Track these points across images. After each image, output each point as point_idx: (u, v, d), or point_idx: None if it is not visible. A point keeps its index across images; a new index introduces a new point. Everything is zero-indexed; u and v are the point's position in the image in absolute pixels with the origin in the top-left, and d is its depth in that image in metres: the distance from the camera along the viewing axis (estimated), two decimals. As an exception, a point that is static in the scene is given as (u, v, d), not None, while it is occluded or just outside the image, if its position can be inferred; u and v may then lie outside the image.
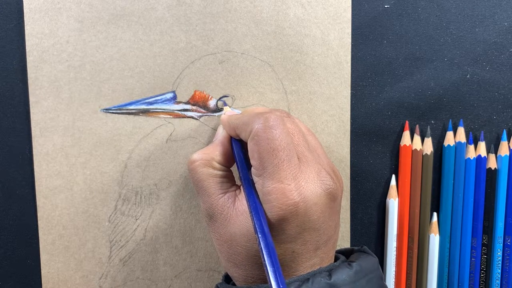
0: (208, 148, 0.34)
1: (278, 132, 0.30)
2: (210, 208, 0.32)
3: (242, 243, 0.30)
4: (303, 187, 0.29)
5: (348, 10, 0.38)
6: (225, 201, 0.32)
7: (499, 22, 0.39)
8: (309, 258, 0.30)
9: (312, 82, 0.39)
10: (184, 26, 0.37)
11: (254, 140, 0.30)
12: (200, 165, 0.33)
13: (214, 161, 0.33)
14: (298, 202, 0.29)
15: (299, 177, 0.30)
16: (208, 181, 0.33)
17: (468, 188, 0.40)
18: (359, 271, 0.30)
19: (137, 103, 0.38)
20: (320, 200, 0.30)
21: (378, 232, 0.41)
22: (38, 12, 0.37)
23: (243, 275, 0.31)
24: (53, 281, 0.39)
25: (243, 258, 0.31)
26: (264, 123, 0.30)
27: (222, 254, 0.32)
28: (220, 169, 0.33)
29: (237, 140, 0.34)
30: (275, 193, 0.29)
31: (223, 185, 0.33)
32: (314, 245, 0.30)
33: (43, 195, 0.38)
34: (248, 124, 0.31)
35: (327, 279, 0.29)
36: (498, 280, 0.41)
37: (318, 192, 0.30)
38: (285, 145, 0.30)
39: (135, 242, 0.39)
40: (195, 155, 0.33)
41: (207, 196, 0.32)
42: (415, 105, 0.40)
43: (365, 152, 0.40)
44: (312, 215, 0.30)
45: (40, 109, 0.37)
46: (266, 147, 0.29)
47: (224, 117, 0.35)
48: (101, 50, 0.37)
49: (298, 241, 0.30)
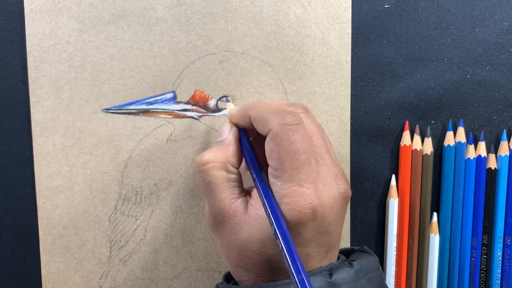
0: (220, 149, 0.32)
1: (299, 134, 0.29)
2: (220, 213, 0.31)
3: (255, 248, 0.30)
4: (321, 191, 0.29)
5: (348, 10, 0.38)
6: (237, 207, 0.31)
7: (499, 22, 0.39)
8: (320, 260, 0.30)
9: (312, 82, 0.39)
10: (184, 26, 0.38)
11: (274, 141, 0.29)
12: (213, 167, 0.31)
13: (228, 164, 0.31)
14: (316, 206, 0.29)
15: (317, 181, 0.29)
16: (222, 185, 0.31)
17: (468, 188, 0.40)
18: (360, 270, 0.30)
19: (137, 103, 0.38)
20: (336, 204, 0.30)
21: (378, 232, 0.41)
22: (39, 12, 0.37)
23: (253, 278, 0.30)
24: (53, 281, 0.39)
25: (254, 263, 0.30)
26: (286, 123, 0.29)
27: (230, 259, 0.31)
28: (234, 173, 0.32)
29: (246, 137, 0.33)
30: (294, 196, 0.29)
31: (235, 190, 0.31)
32: (326, 247, 0.30)
33: (43, 195, 0.38)
34: (267, 120, 0.30)
35: (327, 278, 0.29)
36: (498, 280, 0.41)
37: (335, 196, 0.30)
38: (305, 148, 0.29)
39: (135, 242, 0.39)
40: (208, 156, 0.31)
41: (218, 201, 0.31)
42: (415, 105, 0.40)
43: (365, 152, 0.40)
44: (328, 219, 0.29)
45: (41, 109, 0.37)
46: (287, 149, 0.29)
47: (233, 108, 0.34)
48: (101, 50, 0.37)
49: (312, 244, 0.30)
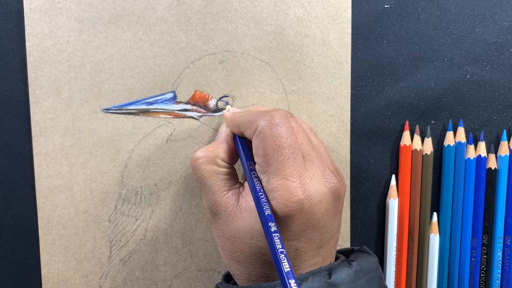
0: (212, 146, 0.34)
1: (284, 129, 0.30)
2: (214, 205, 0.32)
3: (246, 240, 0.30)
4: (308, 185, 0.30)
5: (348, 10, 0.38)
6: (229, 198, 0.32)
7: (499, 22, 0.39)
8: (312, 256, 0.30)
9: (312, 82, 0.39)
10: (184, 26, 0.37)
11: (259, 137, 0.30)
12: (204, 162, 0.33)
13: (218, 158, 0.33)
14: (303, 200, 0.29)
15: (304, 175, 0.30)
16: (212, 178, 0.32)
17: (468, 188, 0.40)
18: (359, 271, 0.30)
19: (137, 103, 0.38)
20: (324, 198, 0.30)
21: (378, 232, 0.41)
22: (38, 12, 0.37)
23: (245, 273, 0.31)
24: (53, 281, 0.39)
25: (246, 256, 0.31)
26: (270, 120, 0.30)
27: (225, 251, 0.32)
28: (224, 166, 0.33)
29: (240, 137, 0.34)
30: (280, 189, 0.29)
31: (227, 183, 0.33)
32: (318, 243, 0.30)
33: (43, 195, 0.38)
34: (253, 122, 0.31)
35: (326, 278, 0.29)
36: (498, 280, 0.41)
37: (323, 190, 0.30)
38: (290, 143, 0.30)
39: (135, 242, 0.39)
40: (199, 152, 0.33)
41: (211, 194, 0.32)
42: (415, 105, 0.40)
43: (365, 152, 0.40)
44: (317, 213, 0.30)
45: (40, 109, 0.37)
46: (271, 144, 0.30)
47: (227, 114, 0.35)
48: (101, 50, 0.37)
49: (302, 239, 0.30)
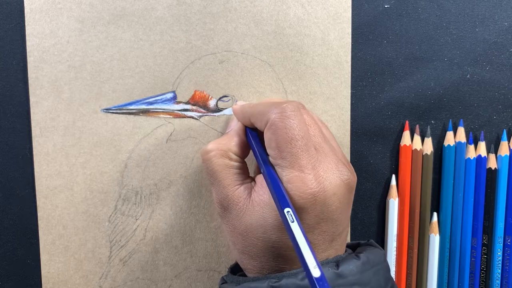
0: (224, 139, 0.33)
1: (296, 121, 0.30)
2: (225, 199, 0.32)
3: (258, 234, 0.30)
4: (322, 177, 0.29)
5: (348, 10, 0.38)
6: (241, 193, 0.31)
7: (499, 22, 0.39)
8: (325, 249, 0.30)
9: (312, 82, 0.39)
10: (184, 26, 0.38)
11: (271, 130, 0.30)
12: (215, 155, 0.32)
13: (230, 152, 0.33)
14: (318, 192, 0.29)
15: (317, 167, 0.30)
16: (224, 172, 0.32)
17: (468, 188, 0.40)
18: (366, 263, 0.30)
19: (137, 103, 0.38)
20: (338, 191, 0.30)
21: (378, 232, 0.41)
22: (39, 12, 0.37)
23: (258, 267, 0.31)
24: (53, 281, 0.39)
25: (258, 250, 0.30)
26: (282, 112, 0.30)
27: (236, 245, 0.32)
28: (236, 160, 0.33)
29: (252, 129, 0.34)
30: (294, 181, 0.29)
31: (239, 177, 0.32)
32: (331, 236, 0.30)
33: (43, 195, 0.38)
34: (264, 114, 0.31)
35: (334, 269, 0.29)
36: (498, 280, 0.41)
37: (337, 182, 0.30)
38: (302, 134, 0.30)
39: (135, 242, 0.39)
40: (210, 145, 0.33)
41: (222, 187, 0.32)
42: (415, 105, 0.40)
43: (365, 152, 0.40)
44: (331, 205, 0.30)
45: (41, 109, 0.37)
46: (284, 136, 0.29)
47: (236, 107, 0.35)
48: (101, 50, 0.37)
49: (316, 231, 0.30)
